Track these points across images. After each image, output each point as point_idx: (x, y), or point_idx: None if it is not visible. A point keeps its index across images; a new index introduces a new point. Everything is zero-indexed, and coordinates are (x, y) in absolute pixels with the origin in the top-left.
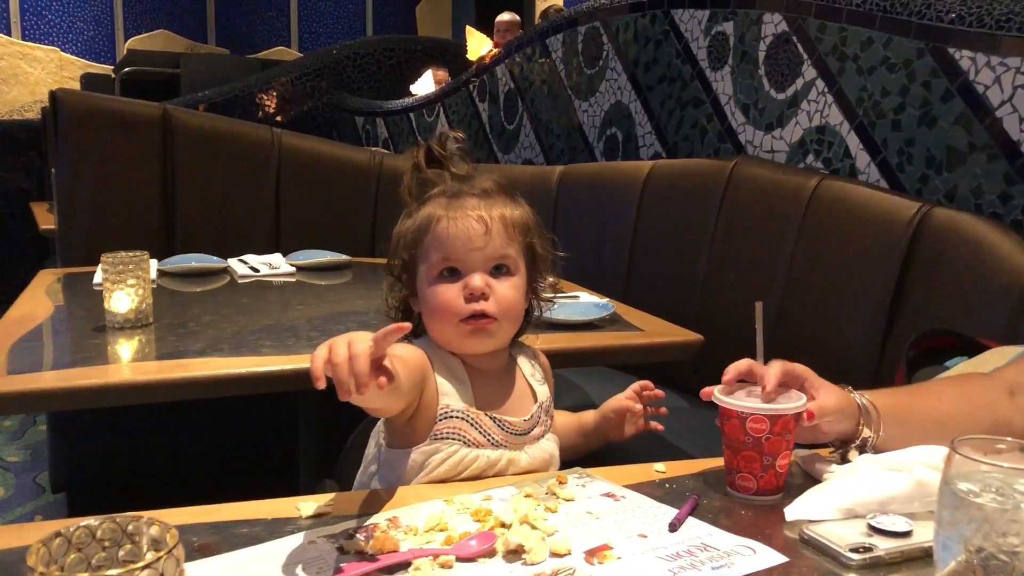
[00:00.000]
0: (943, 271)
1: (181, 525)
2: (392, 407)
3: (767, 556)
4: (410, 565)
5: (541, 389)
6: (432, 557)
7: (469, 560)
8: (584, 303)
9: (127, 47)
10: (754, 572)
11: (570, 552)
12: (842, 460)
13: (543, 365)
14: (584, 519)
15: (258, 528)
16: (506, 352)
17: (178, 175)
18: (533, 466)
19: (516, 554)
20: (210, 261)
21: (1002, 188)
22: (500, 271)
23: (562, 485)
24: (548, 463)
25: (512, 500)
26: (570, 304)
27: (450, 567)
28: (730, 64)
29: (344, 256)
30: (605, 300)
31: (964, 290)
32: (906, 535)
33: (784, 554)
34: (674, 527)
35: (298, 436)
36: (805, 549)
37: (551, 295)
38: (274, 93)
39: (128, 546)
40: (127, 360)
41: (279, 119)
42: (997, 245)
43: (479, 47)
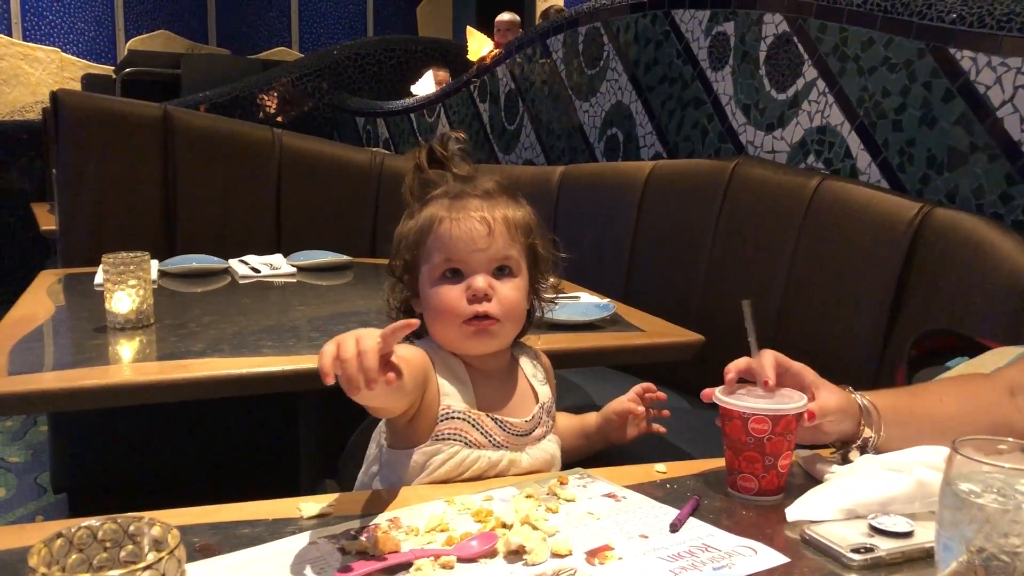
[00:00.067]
0: (944, 271)
1: (182, 526)
2: (396, 406)
3: (768, 556)
4: (411, 566)
5: (543, 390)
6: (433, 558)
7: (470, 561)
8: (585, 303)
9: (128, 48)
10: (755, 572)
11: (571, 553)
12: (843, 460)
13: (545, 365)
14: (585, 519)
15: (259, 529)
16: (508, 353)
17: (179, 176)
18: (534, 467)
19: (517, 555)
20: (211, 262)
21: (1003, 188)
22: (503, 272)
23: (563, 486)
24: (549, 464)
25: (513, 501)
26: (571, 304)
27: (451, 568)
28: (731, 64)
29: (345, 256)
30: (606, 300)
31: (965, 290)
32: (907, 535)
33: (785, 554)
34: (675, 527)
35: (299, 436)
36: (806, 549)
37: (553, 296)
38: (275, 94)
39: (130, 547)
40: (128, 361)
41: (280, 120)
42: (998, 245)
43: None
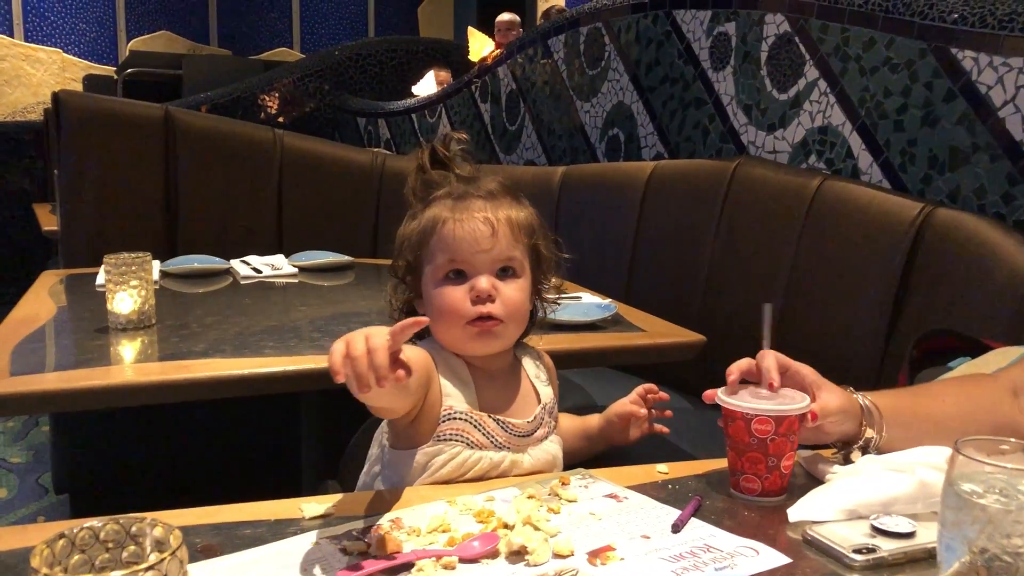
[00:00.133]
0: (946, 272)
1: (184, 526)
2: (400, 406)
3: (770, 557)
4: (413, 566)
5: (545, 391)
6: (435, 558)
7: (472, 561)
8: (586, 304)
9: (129, 48)
10: (757, 573)
11: (573, 553)
12: (845, 461)
13: (547, 366)
14: (587, 520)
15: (261, 529)
16: (511, 353)
17: (180, 176)
18: (536, 468)
19: (519, 555)
20: (212, 262)
21: (1005, 188)
22: (506, 273)
23: (565, 486)
24: (551, 465)
25: (515, 501)
26: (572, 305)
27: (453, 568)
28: (732, 65)
29: (346, 257)
30: (607, 301)
31: (967, 290)
32: (909, 536)
33: (787, 555)
34: (677, 528)
35: (301, 437)
36: (808, 550)
37: (555, 296)
38: (276, 94)
39: (132, 547)
40: (130, 361)
41: (281, 120)
42: (1000, 245)
43: (481, 48)
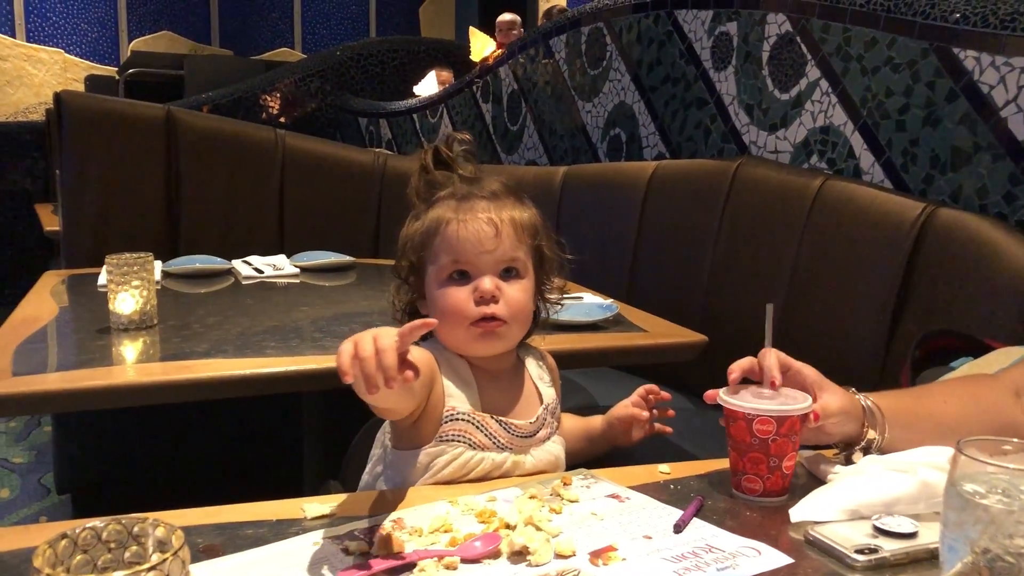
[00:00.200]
0: (948, 271)
1: (186, 526)
2: (404, 407)
3: (772, 557)
4: (415, 566)
5: (548, 391)
6: (437, 558)
7: (474, 561)
8: (588, 304)
9: (131, 49)
10: (759, 573)
11: (575, 553)
12: (846, 462)
13: (550, 366)
14: (589, 520)
15: (263, 529)
16: (513, 354)
17: (182, 176)
18: (538, 468)
19: (521, 555)
20: (214, 262)
21: (1007, 188)
22: (509, 274)
23: (566, 486)
24: (553, 466)
25: (517, 501)
26: (574, 305)
27: (455, 568)
28: (734, 64)
29: (348, 257)
30: (609, 301)
31: (969, 290)
32: (911, 536)
33: (789, 555)
34: (679, 528)
35: (302, 437)
36: (810, 550)
37: (558, 297)
38: (278, 94)
39: (134, 548)
40: (131, 361)
41: (283, 120)
42: (1002, 245)
43: (482, 48)
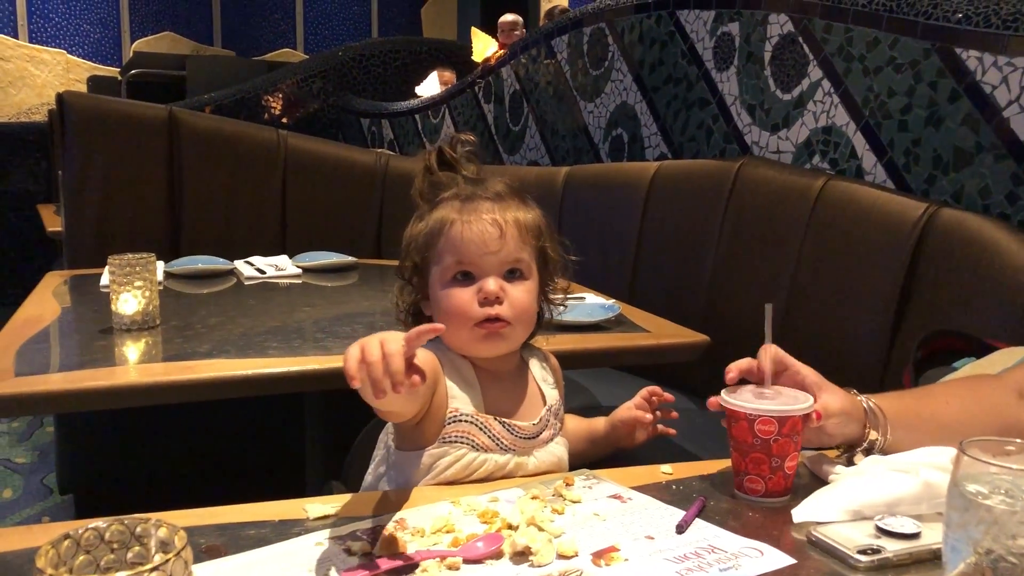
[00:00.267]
0: (950, 272)
1: (188, 527)
2: (409, 411)
3: (774, 558)
4: (417, 567)
5: (551, 393)
6: (439, 559)
7: (476, 562)
8: (590, 304)
9: (133, 49)
10: (762, 574)
11: (577, 554)
12: (848, 464)
13: (553, 367)
14: (591, 521)
15: (265, 530)
16: (517, 355)
17: (184, 177)
18: (541, 470)
19: (523, 556)
20: (216, 263)
21: (1009, 188)
22: (514, 275)
23: (569, 487)
24: (556, 467)
25: (519, 502)
26: (576, 305)
27: (457, 569)
28: (736, 65)
29: (350, 258)
30: (611, 301)
31: (972, 290)
32: (914, 537)
33: (792, 556)
34: (681, 529)
35: (304, 437)
36: (812, 551)
37: (562, 298)
38: (280, 95)
39: (136, 548)
40: (134, 362)
41: (285, 121)
42: (1004, 245)
43: (484, 48)
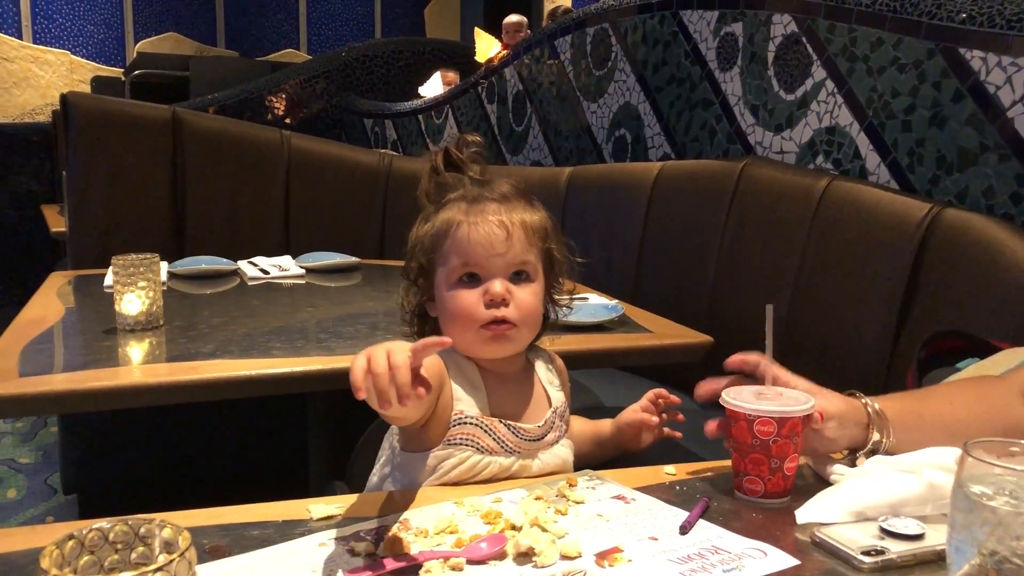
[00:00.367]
0: (954, 272)
1: (192, 527)
2: (413, 416)
3: (778, 559)
4: (421, 568)
5: (557, 395)
6: (442, 560)
7: (479, 563)
8: (593, 305)
9: (137, 50)
10: (765, 575)
11: (580, 555)
12: (851, 465)
13: (559, 369)
14: (594, 521)
15: (269, 530)
16: (523, 357)
17: (188, 177)
18: (545, 472)
19: (526, 556)
20: (220, 263)
21: (1013, 189)
22: (520, 277)
23: (572, 487)
24: (561, 469)
25: (522, 502)
26: (579, 306)
27: (461, 569)
28: (739, 65)
29: (353, 258)
30: (614, 302)
31: (975, 291)
32: (918, 538)
33: (795, 556)
34: (685, 530)
35: (308, 438)
36: (816, 552)
37: (568, 300)
38: (283, 95)
39: (140, 548)
40: (138, 362)
41: (288, 121)
42: (1008, 246)
43: (487, 49)
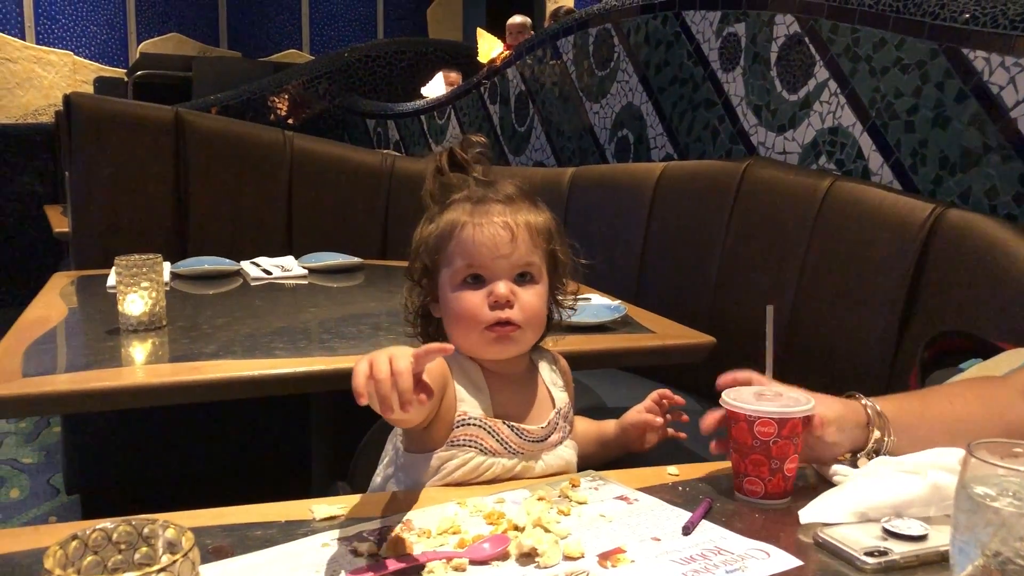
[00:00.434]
0: (957, 273)
1: (195, 527)
2: (415, 419)
3: (781, 559)
4: (423, 568)
5: (560, 395)
6: (445, 560)
7: (482, 563)
8: (596, 305)
9: (139, 51)
10: (768, 575)
11: (583, 555)
12: (853, 466)
13: (563, 369)
14: (597, 522)
15: (272, 531)
16: (526, 357)
17: (191, 178)
18: (548, 473)
19: (529, 557)
20: (222, 264)
21: (1016, 189)
22: (524, 278)
23: (575, 488)
24: (564, 471)
25: (525, 503)
26: (582, 306)
27: (463, 570)
28: (742, 65)
29: (356, 258)
30: (617, 302)
31: (978, 292)
32: (921, 539)
33: (798, 557)
34: (687, 530)
35: (311, 438)
36: (819, 552)
37: (571, 301)
38: (286, 96)
39: (144, 549)
40: (141, 362)
41: (291, 122)
42: (1012, 246)
43: (490, 49)
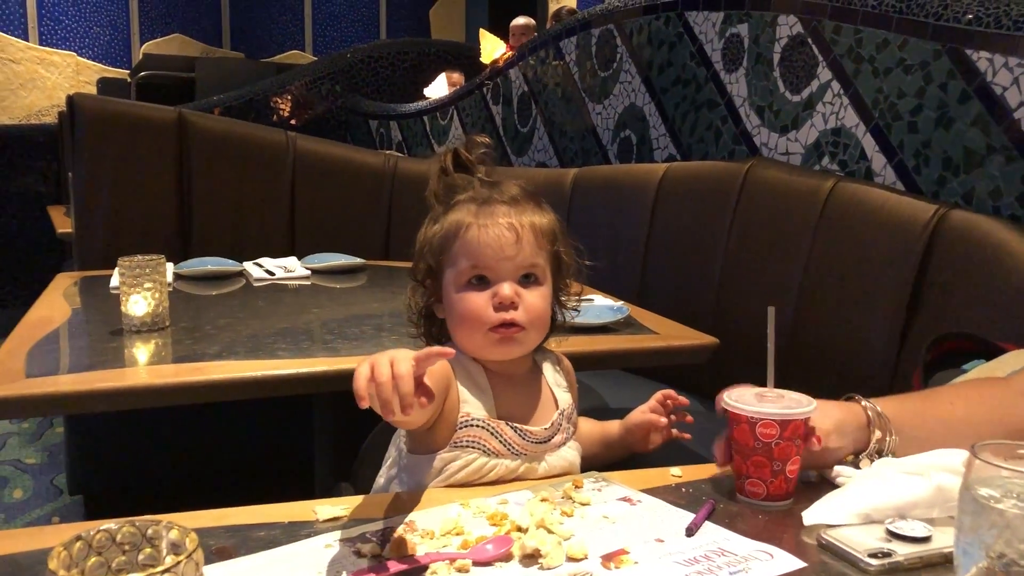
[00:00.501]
0: (960, 274)
1: (199, 528)
2: (417, 421)
3: (784, 561)
4: (427, 569)
5: (564, 396)
6: (449, 561)
7: (486, 564)
8: (599, 306)
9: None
10: None
11: (587, 556)
12: (855, 467)
13: (566, 370)
14: (600, 523)
15: (275, 532)
16: (530, 358)
17: (194, 178)
18: (551, 474)
19: (532, 558)
20: (226, 264)
21: (1020, 190)
22: (528, 280)
23: (578, 489)
24: (567, 472)
25: (528, 504)
26: (585, 307)
27: (467, 571)
28: (745, 66)
29: (359, 259)
30: (620, 303)
31: (981, 292)
32: (925, 540)
33: (802, 559)
34: (691, 532)
35: (313, 439)
36: (823, 554)
37: (575, 303)
38: (288, 97)
39: (148, 550)
40: (143, 363)
41: (293, 123)
42: (1015, 247)
43: (493, 50)
